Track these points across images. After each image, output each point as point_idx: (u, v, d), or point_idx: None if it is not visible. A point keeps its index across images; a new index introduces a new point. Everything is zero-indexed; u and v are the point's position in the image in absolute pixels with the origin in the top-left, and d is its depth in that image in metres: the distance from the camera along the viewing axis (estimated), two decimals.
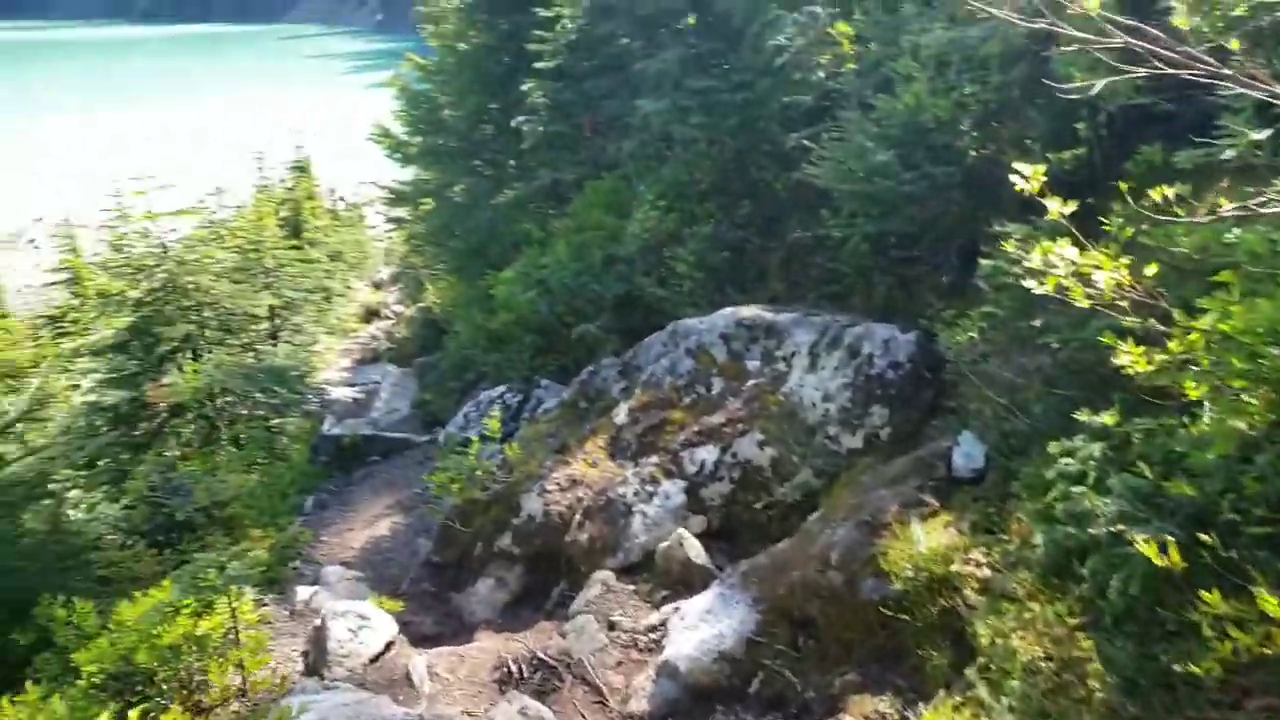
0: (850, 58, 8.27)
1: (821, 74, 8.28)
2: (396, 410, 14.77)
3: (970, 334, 5.13)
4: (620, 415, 6.91)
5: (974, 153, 6.74)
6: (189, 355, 10.15)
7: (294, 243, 21.50)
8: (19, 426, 9.20)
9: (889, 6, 7.89)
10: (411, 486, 9.93)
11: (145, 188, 9.64)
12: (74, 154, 46.37)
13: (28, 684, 5.96)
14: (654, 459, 6.44)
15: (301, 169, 27.14)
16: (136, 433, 10.36)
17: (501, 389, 10.52)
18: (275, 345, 18.01)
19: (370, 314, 24.12)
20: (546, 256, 10.80)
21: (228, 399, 10.52)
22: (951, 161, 6.66)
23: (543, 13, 10.54)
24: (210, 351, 10.20)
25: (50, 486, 8.75)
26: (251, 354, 11.54)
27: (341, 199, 35.81)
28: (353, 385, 17.28)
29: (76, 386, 11.61)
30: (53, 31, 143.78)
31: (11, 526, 7.70)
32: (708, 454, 6.19)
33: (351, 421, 14.54)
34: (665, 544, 5.85)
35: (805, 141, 7.51)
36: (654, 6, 9.47)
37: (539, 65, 10.59)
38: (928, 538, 4.48)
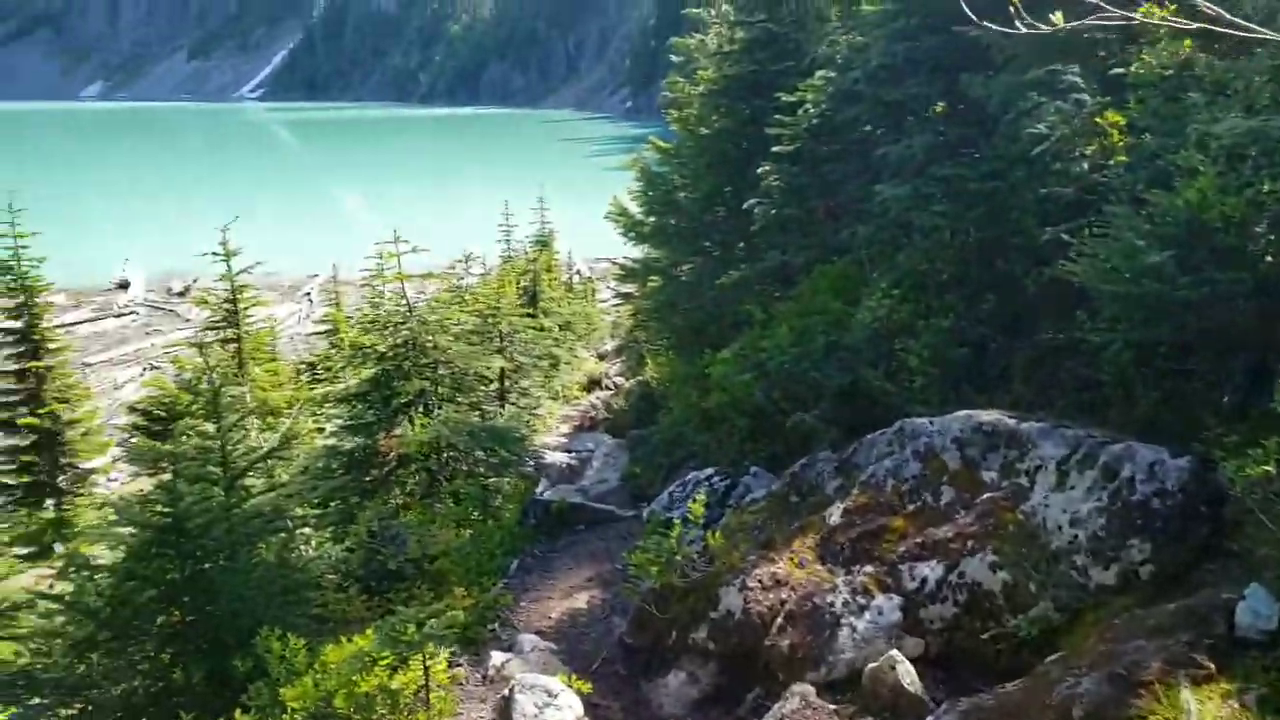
0: (1120, 149, 7.57)
1: (1085, 165, 7.62)
2: (606, 481, 14.86)
3: (1265, 467, 4.34)
4: (834, 515, 6.45)
5: (1269, 258, 5.89)
6: (421, 409, 10.65)
7: (529, 310, 22.59)
8: (269, 461, 9.93)
9: (1171, 94, 7.17)
10: (613, 561, 9.81)
11: (400, 250, 10.33)
12: (353, 218, 51.67)
13: (237, 712, 6.25)
14: (868, 568, 5.91)
15: (543, 243, 28.67)
16: (367, 479, 10.94)
17: (709, 471, 10.27)
18: (502, 406, 18.78)
19: (592, 383, 24.77)
20: (767, 339, 10.55)
21: (451, 454, 10.92)
22: (1241, 266, 5.84)
23: (785, 98, 10.50)
24: (440, 408, 10.68)
25: (285, 522, 9.34)
26: (478, 413, 11.98)
27: (578, 272, 37.53)
28: (568, 451, 17.64)
29: (321, 430, 12.49)
30: (348, 112, 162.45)
31: (248, 557, 8.18)
32: (930, 570, 5.60)
33: (563, 488, 14.77)
34: (874, 665, 5.29)
35: (1064, 235, 6.86)
36: (901, 93, 9.16)
37: (777, 149, 10.52)
38: (1201, 708, 3.73)
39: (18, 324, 12.87)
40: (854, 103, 9.75)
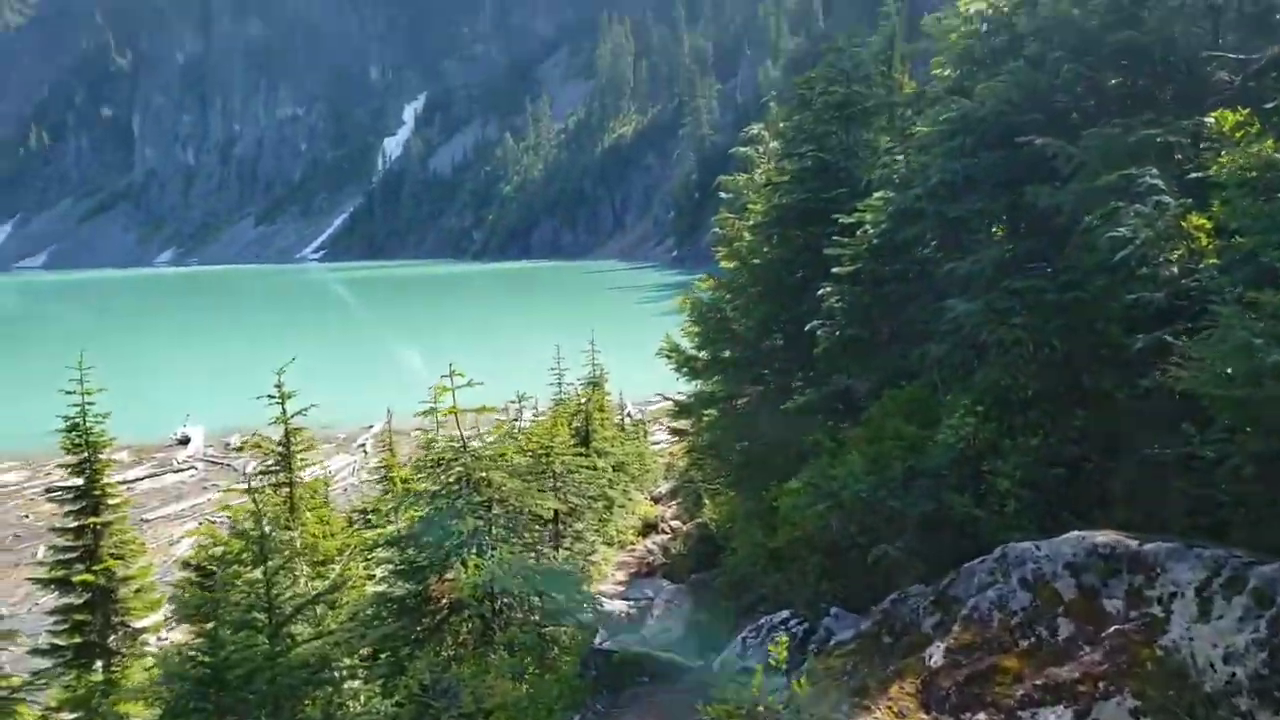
0: (1210, 251, 7.13)
1: (1174, 269, 7.18)
2: (670, 629, 14.05)
3: None
4: (934, 656, 5.74)
5: None
6: (474, 551, 10.17)
7: (582, 451, 22.22)
8: (318, 609, 9.47)
9: (1261, 193, 6.78)
10: (684, 716, 8.98)
11: (454, 384, 10.12)
12: (409, 370, 52.53)
13: None
14: (981, 715, 5.18)
15: (594, 384, 28.60)
16: (418, 627, 10.37)
17: (784, 614, 9.51)
18: (556, 550, 18.14)
19: (648, 527, 24.06)
20: (837, 468, 9.99)
21: (506, 599, 10.34)
22: None
23: (843, 219, 10.32)
24: (495, 549, 10.18)
25: (332, 673, 8.77)
26: (532, 555, 11.44)
27: (629, 414, 37.32)
28: (627, 599, 16.87)
29: (372, 576, 12.00)
30: (405, 270, 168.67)
31: (291, 711, 7.64)
32: (1057, 717, 4.86)
33: (624, 638, 13.98)
34: None
35: (1166, 338, 6.35)
36: (964, 208, 8.90)
37: (837, 270, 10.25)
38: None
39: (79, 480, 12.82)
40: (915, 221, 9.50)
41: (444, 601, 9.57)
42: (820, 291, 10.43)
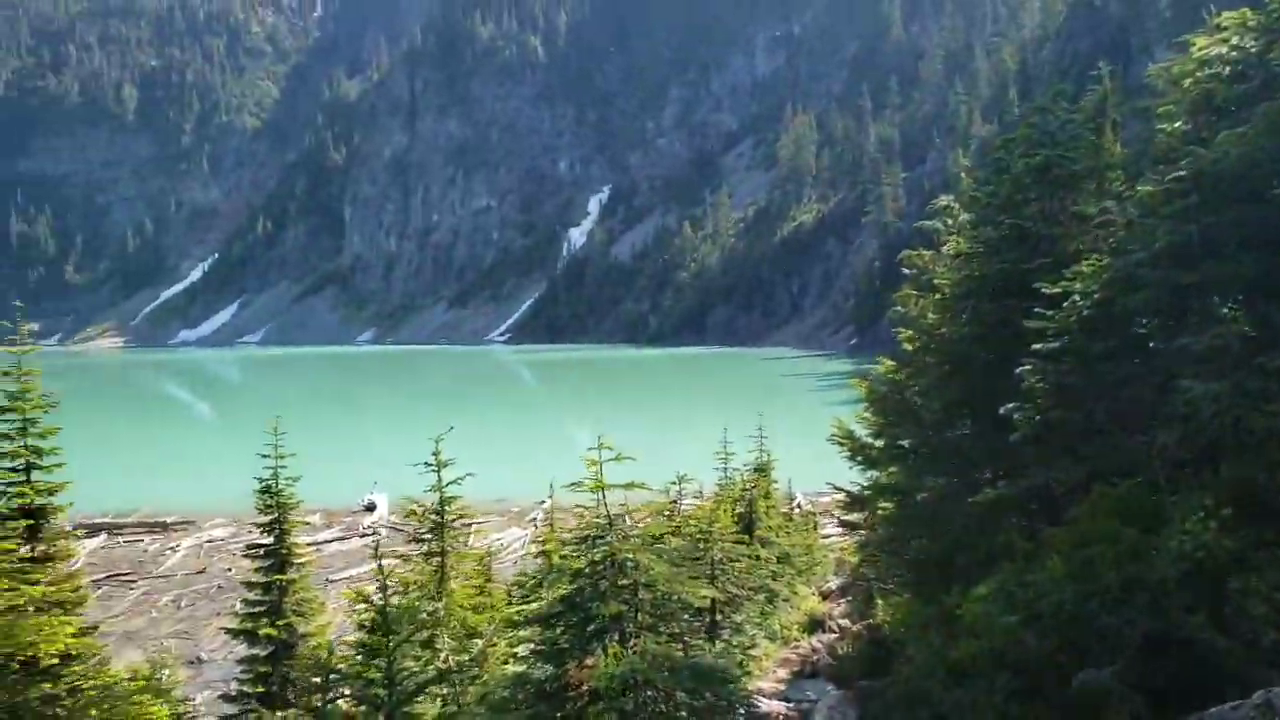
0: None
1: None
2: None
3: None
4: None
5: None
6: (616, 638, 9.36)
7: (744, 539, 21.13)
8: (445, 688, 8.91)
9: None
10: None
11: (602, 457, 9.50)
12: (582, 447, 52.86)
13: None
14: None
15: (761, 470, 27.48)
16: (556, 714, 9.58)
17: None
18: (711, 643, 17.02)
19: (814, 624, 22.53)
20: (1034, 573, 8.59)
21: (649, 693, 9.42)
22: None
23: (1048, 288, 9.10)
24: (638, 637, 9.34)
25: None
26: (680, 647, 10.50)
27: (798, 504, 35.77)
28: (787, 700, 15.60)
29: (515, 655, 11.39)
30: (583, 353, 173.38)
31: None
32: None
33: None
34: None
35: None
36: (1199, 275, 7.59)
37: (1038, 346, 9.00)
38: None
39: (269, 539, 13.45)
40: (1135, 290, 8.22)
41: (583, 689, 8.81)
42: (1019, 369, 9.18)
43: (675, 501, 19.28)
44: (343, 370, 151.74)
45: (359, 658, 7.39)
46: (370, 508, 41.99)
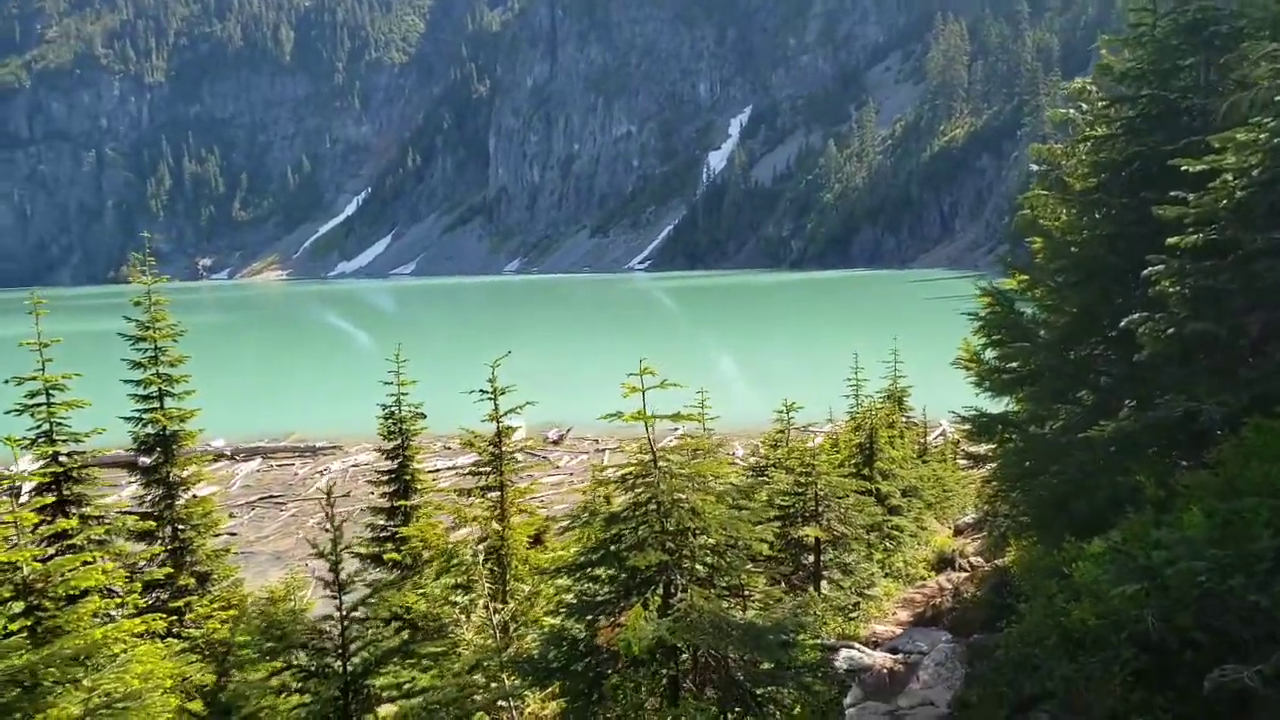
0: None
1: None
2: (932, 704, 11.22)
3: None
4: None
5: None
6: (659, 591, 8.15)
7: (862, 472, 19.60)
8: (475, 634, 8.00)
9: None
10: None
11: (644, 384, 8.20)
12: (717, 373, 51.90)
13: None
14: None
15: (893, 397, 25.52)
16: (593, 678, 8.52)
17: None
18: (815, 587, 15.73)
19: (943, 561, 20.79)
20: (1165, 529, 6.79)
21: (697, 654, 8.24)
22: None
23: (1190, 166, 7.00)
24: (684, 591, 8.06)
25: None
26: (739, 600, 9.19)
27: (943, 433, 33.47)
28: (896, 651, 14.15)
29: (560, 606, 10.37)
30: (724, 279, 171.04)
31: None
32: None
33: (873, 705, 11.46)
34: None
35: None
36: None
37: (1173, 240, 6.99)
38: None
39: (393, 465, 13.53)
40: None
41: (612, 650, 7.67)
42: (1147, 271, 7.19)
43: (783, 431, 17.79)
44: (490, 299, 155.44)
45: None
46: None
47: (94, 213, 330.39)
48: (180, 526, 11.02)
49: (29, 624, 6.32)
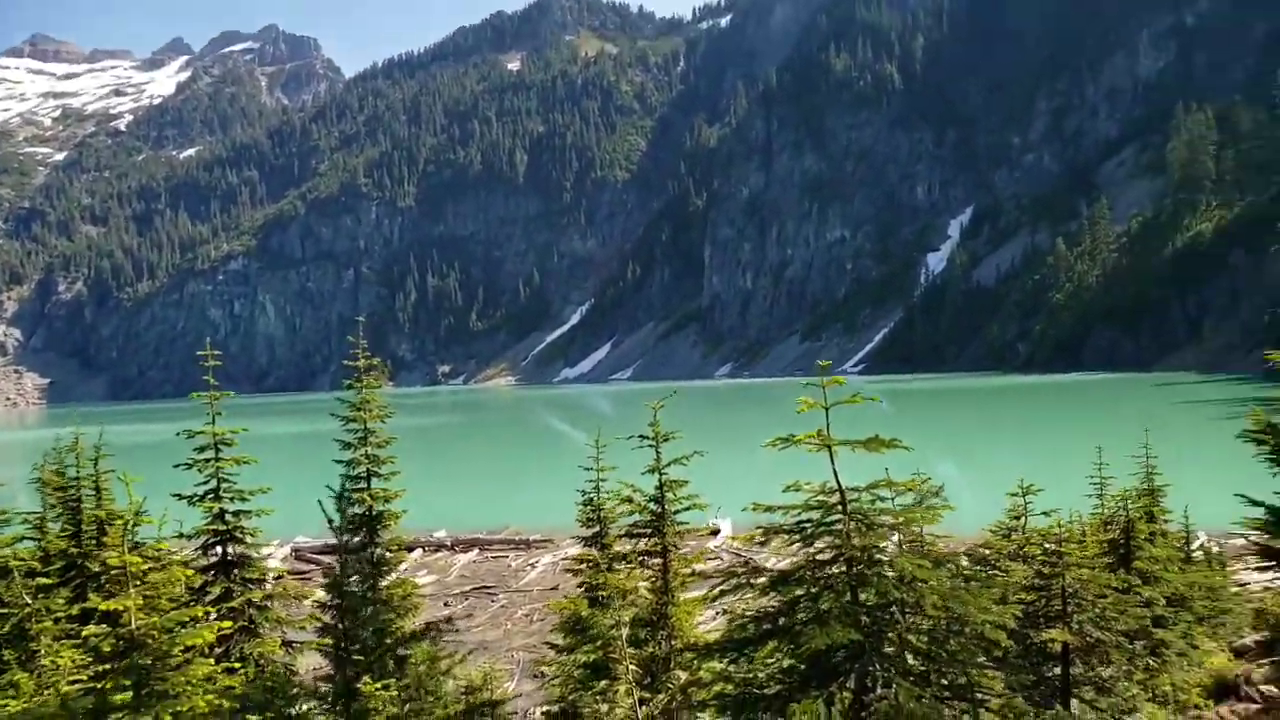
0: None
1: None
2: None
3: None
4: None
5: None
6: (849, 686, 6.32)
7: (1117, 568, 17.60)
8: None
9: None
10: None
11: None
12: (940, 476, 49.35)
13: None
14: None
15: (1149, 493, 23.12)
16: None
17: None
18: (1064, 705, 14.09)
19: (1223, 689, 18.12)
20: None
21: None
22: None
23: None
24: (890, 685, 6.39)
25: None
26: (966, 707, 7.66)
27: (1202, 544, 29.96)
28: None
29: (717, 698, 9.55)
30: (944, 382, 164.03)
31: None
32: None
33: None
34: None
35: None
36: None
37: None
38: None
39: (594, 552, 13.23)
40: None
41: None
42: None
43: (1019, 518, 16.38)
44: (701, 401, 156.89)
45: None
46: (715, 532, 42.03)
47: (351, 325, 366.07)
48: (380, 607, 10.51)
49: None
